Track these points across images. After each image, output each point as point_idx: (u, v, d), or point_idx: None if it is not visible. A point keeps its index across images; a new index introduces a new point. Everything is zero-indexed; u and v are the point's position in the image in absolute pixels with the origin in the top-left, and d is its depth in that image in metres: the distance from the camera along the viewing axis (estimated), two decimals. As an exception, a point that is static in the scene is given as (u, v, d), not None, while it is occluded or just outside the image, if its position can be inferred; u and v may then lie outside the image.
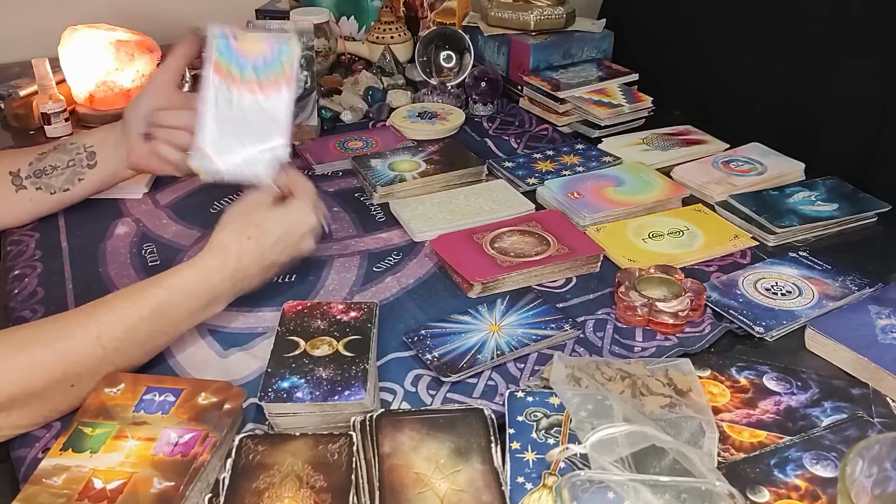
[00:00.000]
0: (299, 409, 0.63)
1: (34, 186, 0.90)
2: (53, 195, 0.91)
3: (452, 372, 0.70)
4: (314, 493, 0.55)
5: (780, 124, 1.18)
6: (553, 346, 0.75)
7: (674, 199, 1.00)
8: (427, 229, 0.93)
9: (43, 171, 0.89)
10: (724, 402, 0.67)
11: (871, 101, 1.05)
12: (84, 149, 0.90)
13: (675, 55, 1.37)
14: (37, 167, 0.89)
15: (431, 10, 1.47)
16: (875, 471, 0.51)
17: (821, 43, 1.12)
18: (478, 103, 1.30)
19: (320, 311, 0.75)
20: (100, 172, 0.91)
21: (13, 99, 1.22)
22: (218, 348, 0.75)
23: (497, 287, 0.84)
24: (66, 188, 0.91)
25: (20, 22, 1.45)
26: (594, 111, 1.21)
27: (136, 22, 1.36)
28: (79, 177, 0.90)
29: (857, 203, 0.98)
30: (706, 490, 0.53)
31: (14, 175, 0.89)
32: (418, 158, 1.09)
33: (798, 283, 0.83)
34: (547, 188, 1.02)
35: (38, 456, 0.62)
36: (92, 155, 0.90)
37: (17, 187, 0.89)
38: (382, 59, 1.38)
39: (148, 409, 0.63)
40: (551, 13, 1.35)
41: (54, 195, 0.91)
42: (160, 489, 0.56)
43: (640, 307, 0.77)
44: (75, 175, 0.90)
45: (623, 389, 0.65)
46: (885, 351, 0.71)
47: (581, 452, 0.57)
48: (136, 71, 1.26)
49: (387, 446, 0.59)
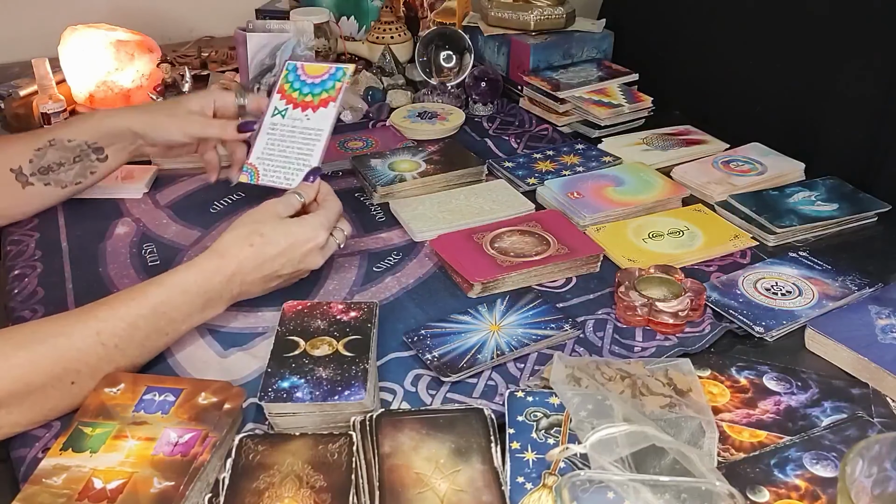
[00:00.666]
0: (299, 408, 0.63)
1: (42, 182, 0.91)
2: (65, 188, 0.93)
3: (452, 372, 0.70)
4: (314, 493, 0.55)
5: (780, 124, 1.18)
6: (553, 346, 0.75)
7: (674, 199, 1.00)
8: (427, 229, 0.93)
9: (49, 168, 0.90)
10: (724, 402, 0.67)
11: (871, 101, 1.05)
12: (87, 145, 0.91)
13: (675, 55, 1.37)
14: (40, 164, 0.90)
15: (431, 10, 1.47)
16: (875, 471, 0.51)
17: (821, 43, 1.12)
18: (478, 103, 1.30)
19: (320, 310, 0.75)
20: (112, 163, 0.94)
21: (13, 99, 1.22)
22: (218, 348, 0.75)
23: (497, 287, 0.84)
24: (78, 181, 0.93)
25: (20, 22, 1.45)
26: (594, 111, 1.21)
27: (136, 22, 1.37)
28: (90, 170, 0.93)
29: (857, 203, 0.98)
30: (706, 490, 0.53)
31: (17, 172, 0.89)
32: (418, 158, 1.09)
33: (798, 283, 0.83)
34: (547, 188, 1.02)
35: (38, 456, 0.62)
36: (99, 150, 0.91)
37: (24, 184, 0.90)
38: (382, 59, 1.38)
39: (148, 409, 0.63)
40: (551, 13, 1.35)
41: (66, 188, 0.93)
42: (160, 489, 0.56)
43: (640, 307, 0.77)
44: (86, 169, 0.92)
45: (623, 389, 0.65)
46: (885, 351, 0.71)
47: (581, 452, 0.57)
48: (136, 71, 1.26)
49: (387, 446, 0.59)
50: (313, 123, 0.89)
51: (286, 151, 0.89)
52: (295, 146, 0.89)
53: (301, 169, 0.87)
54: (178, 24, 1.55)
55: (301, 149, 0.89)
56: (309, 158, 0.88)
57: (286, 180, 0.87)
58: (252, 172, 0.90)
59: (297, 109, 0.91)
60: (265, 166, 0.90)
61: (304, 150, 0.88)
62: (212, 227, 0.95)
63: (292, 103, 0.91)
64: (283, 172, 0.88)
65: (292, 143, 0.89)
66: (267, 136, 0.91)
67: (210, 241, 0.91)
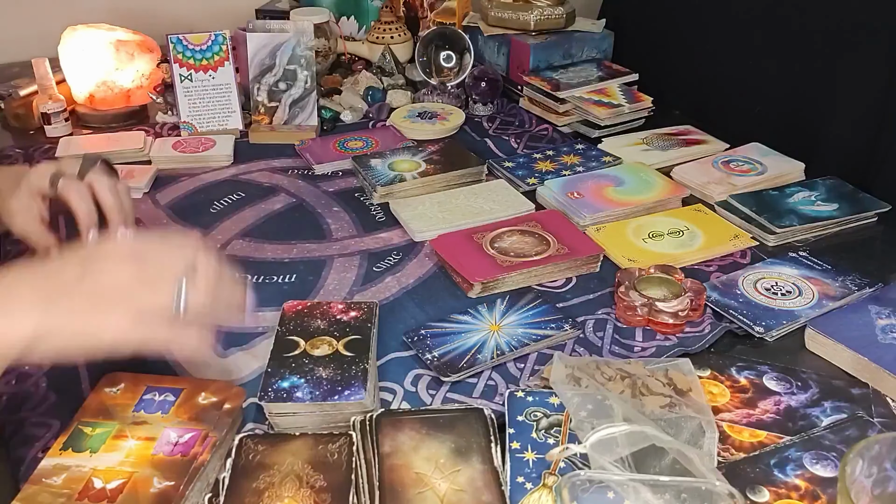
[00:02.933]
0: (299, 408, 0.63)
1: None
2: None
3: (452, 372, 0.70)
4: (314, 492, 0.55)
5: (780, 124, 1.18)
6: (553, 345, 0.75)
7: (674, 199, 1.00)
8: (427, 229, 0.93)
9: None
10: (724, 401, 0.67)
11: (871, 101, 1.05)
12: None
13: (675, 55, 1.37)
14: None
15: (431, 10, 1.47)
16: (875, 471, 0.51)
17: (821, 43, 1.12)
18: (478, 103, 1.30)
19: (320, 310, 0.75)
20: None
21: (13, 99, 1.22)
22: (218, 348, 0.75)
23: (497, 287, 0.84)
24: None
25: (20, 22, 1.45)
26: (594, 111, 1.21)
27: (136, 22, 1.37)
28: None
29: (857, 203, 0.98)
30: (706, 490, 0.53)
31: None
32: (418, 158, 1.09)
33: (798, 283, 0.83)
34: (547, 188, 1.02)
35: (37, 455, 0.62)
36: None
37: None
38: (382, 59, 1.38)
39: (148, 409, 0.63)
40: (551, 13, 1.35)
41: None
42: (160, 489, 0.56)
43: (640, 307, 0.77)
44: None
45: (623, 389, 0.65)
46: (885, 351, 0.71)
47: (581, 452, 0.57)
48: (136, 71, 1.26)
49: (387, 446, 0.59)
50: (220, 80, 1.18)
51: (209, 104, 1.18)
52: (214, 100, 1.18)
53: (228, 116, 1.19)
54: (178, 24, 1.55)
55: (220, 101, 1.19)
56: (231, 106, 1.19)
57: (220, 125, 1.19)
58: (190, 127, 1.18)
59: (199, 73, 1.17)
60: (198, 120, 1.18)
61: (223, 101, 1.19)
62: (212, 227, 0.95)
63: (193, 69, 1.17)
64: (217, 119, 1.19)
65: (212, 98, 1.18)
66: (186, 98, 1.18)
67: (210, 241, 0.92)
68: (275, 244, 0.92)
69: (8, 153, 1.14)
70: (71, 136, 1.18)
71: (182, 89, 1.17)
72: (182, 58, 1.17)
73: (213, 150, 1.13)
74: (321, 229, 0.96)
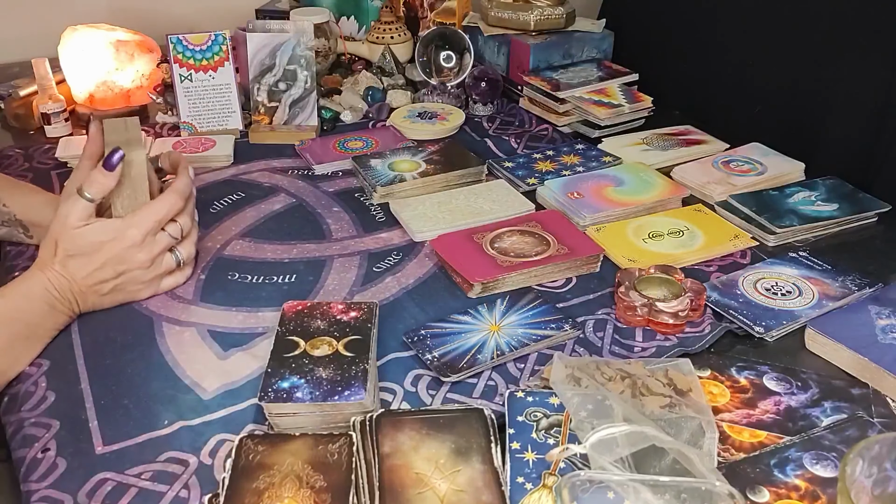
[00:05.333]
0: (299, 409, 0.63)
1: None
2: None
3: (452, 372, 0.70)
4: (314, 493, 0.55)
5: (780, 124, 1.18)
6: (553, 346, 0.75)
7: (674, 199, 1.00)
8: (427, 229, 0.93)
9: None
10: (724, 402, 0.67)
11: (871, 101, 1.05)
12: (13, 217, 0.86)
13: (675, 55, 1.37)
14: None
15: (431, 10, 1.46)
16: (875, 471, 0.51)
17: (821, 43, 1.12)
18: (478, 103, 1.30)
19: (320, 311, 0.75)
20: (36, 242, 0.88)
21: (13, 99, 1.22)
22: (218, 349, 0.75)
23: (497, 287, 0.84)
24: None
25: (20, 22, 1.45)
26: (594, 111, 1.21)
27: (136, 22, 1.37)
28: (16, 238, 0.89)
29: (857, 203, 0.98)
30: (706, 490, 0.53)
31: None
32: (418, 158, 1.09)
33: (798, 283, 0.83)
34: (547, 188, 1.02)
35: (37, 456, 0.62)
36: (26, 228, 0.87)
37: None
38: (382, 59, 1.38)
39: None
40: (551, 13, 1.35)
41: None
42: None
43: (640, 307, 0.77)
44: (11, 235, 0.88)
45: (623, 389, 0.65)
46: (885, 351, 0.71)
47: (581, 452, 0.57)
48: (136, 71, 1.26)
49: (387, 446, 0.59)
50: (219, 80, 1.17)
51: (209, 105, 1.18)
52: (214, 100, 1.18)
53: (228, 116, 1.19)
54: (178, 24, 1.55)
55: (220, 101, 1.18)
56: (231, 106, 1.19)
57: (220, 125, 1.19)
58: (190, 128, 1.18)
59: (199, 73, 1.17)
60: (198, 120, 1.18)
61: (223, 101, 1.18)
62: (212, 227, 0.95)
63: (193, 69, 1.16)
64: (217, 119, 1.19)
65: (212, 98, 1.18)
66: (186, 98, 1.17)
67: (210, 241, 0.92)
68: (275, 244, 0.92)
69: (8, 153, 1.14)
70: (71, 136, 1.18)
71: (182, 89, 1.17)
72: (182, 58, 1.16)
73: (213, 150, 1.13)
74: (321, 229, 0.96)
